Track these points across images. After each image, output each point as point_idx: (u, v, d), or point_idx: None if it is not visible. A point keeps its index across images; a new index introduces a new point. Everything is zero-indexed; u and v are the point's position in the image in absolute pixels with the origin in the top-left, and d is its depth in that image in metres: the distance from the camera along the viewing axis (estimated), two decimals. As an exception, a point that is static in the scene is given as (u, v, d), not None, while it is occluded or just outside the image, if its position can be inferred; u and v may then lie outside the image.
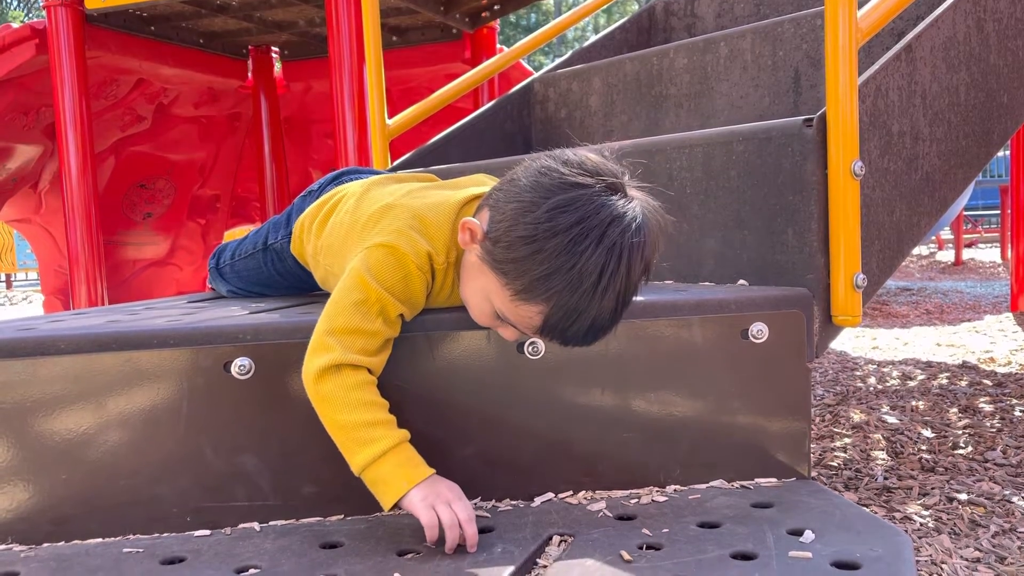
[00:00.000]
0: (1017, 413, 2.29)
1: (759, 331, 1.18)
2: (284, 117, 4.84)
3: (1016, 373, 2.84)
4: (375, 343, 1.08)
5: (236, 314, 1.24)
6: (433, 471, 1.04)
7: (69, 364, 1.06)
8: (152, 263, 4.91)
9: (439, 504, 0.99)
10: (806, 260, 1.26)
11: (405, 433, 1.05)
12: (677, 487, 1.18)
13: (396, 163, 2.16)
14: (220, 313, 1.28)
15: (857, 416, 2.35)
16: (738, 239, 1.35)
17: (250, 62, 4.70)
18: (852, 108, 1.22)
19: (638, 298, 1.18)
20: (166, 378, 1.08)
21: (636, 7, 22.24)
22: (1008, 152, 4.20)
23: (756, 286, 1.32)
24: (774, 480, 1.20)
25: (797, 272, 1.27)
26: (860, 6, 1.32)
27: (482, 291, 1.08)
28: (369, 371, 1.07)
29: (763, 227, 1.31)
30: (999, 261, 8.04)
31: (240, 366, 1.08)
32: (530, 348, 1.14)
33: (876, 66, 1.33)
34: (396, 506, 1.02)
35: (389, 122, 2.11)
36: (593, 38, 2.63)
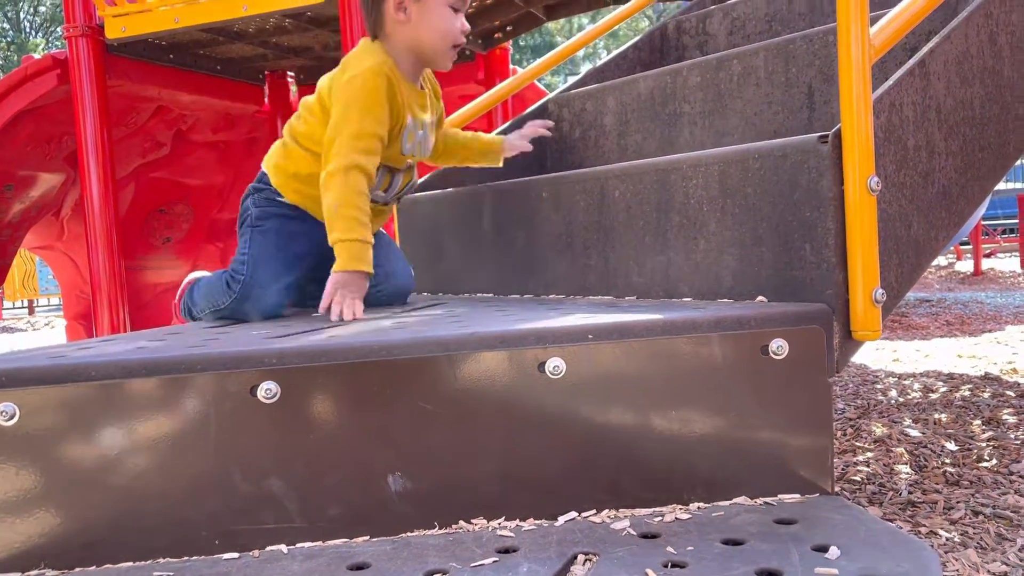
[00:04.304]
0: (1042, 425, 2.27)
1: (779, 347, 1.18)
2: (301, 140, 4.89)
3: (1040, 384, 2.81)
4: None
5: (262, 339, 1.26)
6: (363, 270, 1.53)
7: (98, 390, 1.08)
8: (172, 286, 4.96)
9: (346, 292, 1.51)
10: (824, 276, 1.26)
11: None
12: (700, 504, 1.18)
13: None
14: (246, 338, 1.29)
15: (879, 430, 2.34)
16: (756, 256, 1.35)
17: (266, 87, 4.76)
18: (867, 124, 1.23)
19: (657, 315, 1.19)
20: (194, 403, 1.10)
21: (647, 24, 22.32)
22: (1025, 161, 4.20)
23: (775, 302, 1.32)
24: (797, 496, 1.20)
25: (816, 288, 1.27)
26: (872, 23, 1.33)
27: (437, 10, 1.60)
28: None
29: (780, 243, 1.32)
30: (1019, 270, 7.96)
31: (266, 390, 1.10)
32: (551, 368, 1.15)
33: (890, 82, 1.33)
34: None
35: (406, 145, 2.13)
36: (606, 57, 2.65)
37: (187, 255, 4.98)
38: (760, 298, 1.36)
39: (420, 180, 2.18)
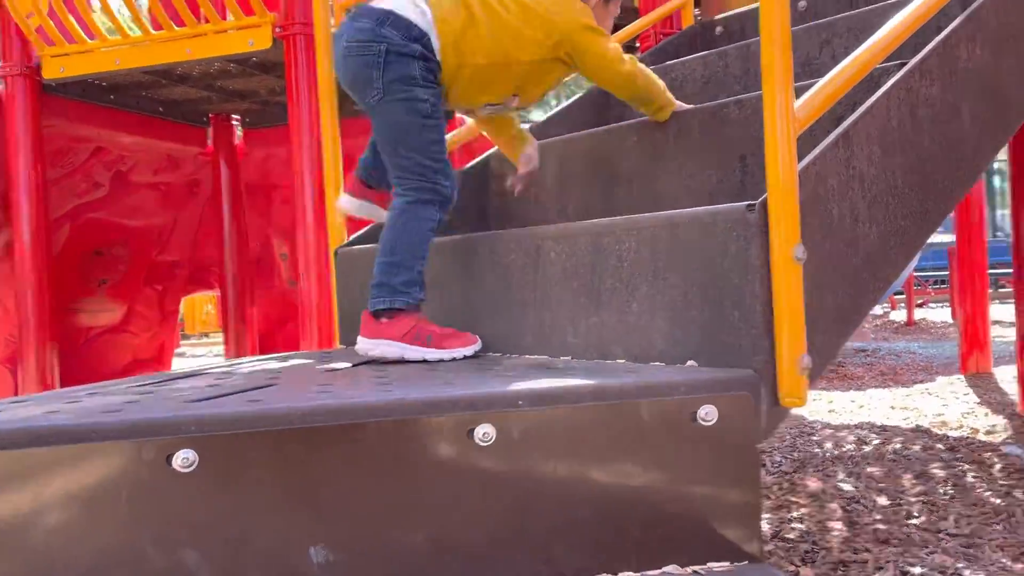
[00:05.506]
0: (969, 479, 2.32)
1: (707, 414, 1.19)
2: (245, 183, 4.84)
3: (967, 437, 2.89)
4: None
5: (181, 403, 1.22)
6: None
7: (3, 459, 1.03)
8: (106, 330, 4.81)
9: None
10: (753, 342, 1.28)
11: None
12: (631, 574, 1.17)
13: (353, 237, 2.17)
14: (165, 402, 1.25)
15: (814, 484, 2.37)
16: (687, 319, 1.37)
17: (210, 130, 4.71)
18: (792, 195, 1.26)
19: (588, 381, 1.18)
20: (105, 472, 1.05)
21: (596, 73, 22.67)
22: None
23: (705, 367, 1.33)
24: (727, 564, 1.19)
25: (744, 353, 1.29)
26: (800, 93, 1.38)
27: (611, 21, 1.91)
28: None
29: (711, 309, 1.33)
30: (950, 321, 8.23)
31: (184, 459, 1.06)
32: (480, 435, 1.14)
33: (815, 153, 1.37)
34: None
35: (346, 195, 2.11)
36: (549, 113, 2.69)
37: (123, 298, 4.84)
38: (691, 362, 1.36)
39: (359, 232, 2.18)
